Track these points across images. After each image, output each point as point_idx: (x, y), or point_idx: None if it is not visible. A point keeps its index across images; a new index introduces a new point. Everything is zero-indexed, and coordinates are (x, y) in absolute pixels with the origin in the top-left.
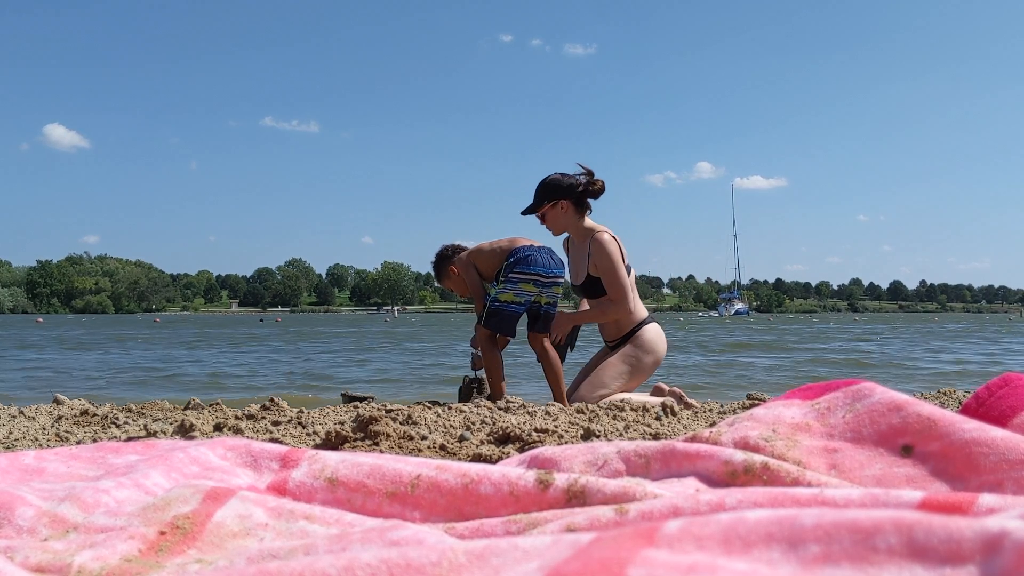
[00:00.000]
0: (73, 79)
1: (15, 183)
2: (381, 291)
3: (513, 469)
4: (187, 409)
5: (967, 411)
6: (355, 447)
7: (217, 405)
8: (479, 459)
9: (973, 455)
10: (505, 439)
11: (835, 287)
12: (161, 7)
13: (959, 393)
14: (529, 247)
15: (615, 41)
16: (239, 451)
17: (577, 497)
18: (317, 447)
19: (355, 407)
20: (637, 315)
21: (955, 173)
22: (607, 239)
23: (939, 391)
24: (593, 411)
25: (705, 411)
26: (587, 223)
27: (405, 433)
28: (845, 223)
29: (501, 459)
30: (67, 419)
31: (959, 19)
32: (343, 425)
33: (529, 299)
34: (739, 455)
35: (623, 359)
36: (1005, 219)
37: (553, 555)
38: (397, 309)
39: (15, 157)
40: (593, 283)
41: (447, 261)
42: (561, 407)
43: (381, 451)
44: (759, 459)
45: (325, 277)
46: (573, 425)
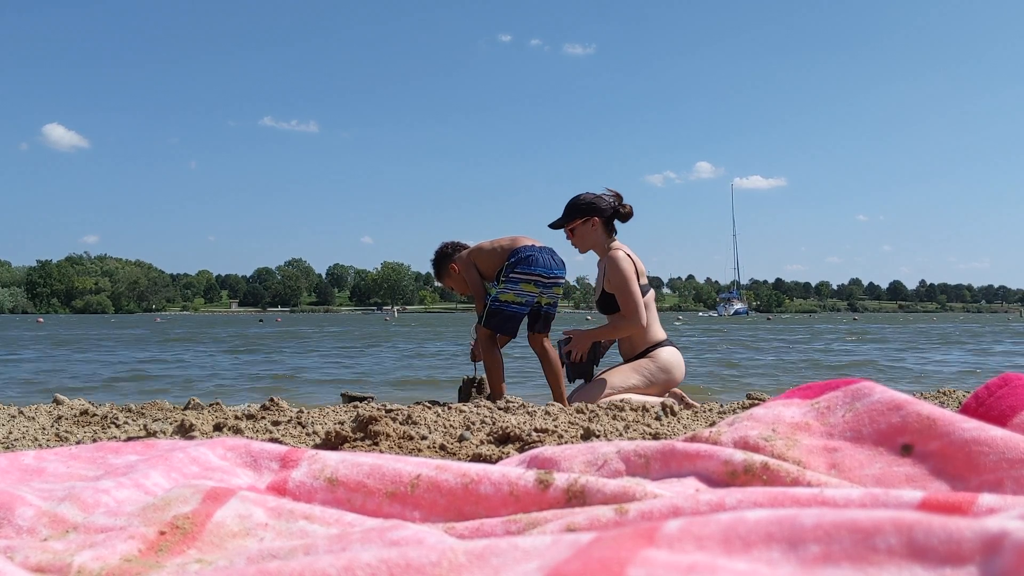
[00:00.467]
0: (73, 79)
1: (15, 183)
2: (381, 291)
3: (513, 469)
4: (187, 409)
5: (967, 410)
6: (355, 447)
7: (217, 405)
8: (479, 459)
9: (973, 454)
10: (505, 439)
11: (835, 287)
12: (161, 7)
13: (959, 393)
14: (531, 247)
15: (615, 41)
16: (239, 451)
17: (577, 497)
18: (317, 447)
19: (355, 407)
20: (653, 335)
21: (955, 173)
22: (620, 256)
23: (939, 391)
24: (593, 411)
25: (705, 411)
26: (612, 243)
27: (405, 433)
28: (845, 223)
29: (501, 459)
30: (67, 419)
31: (959, 19)
32: (343, 425)
33: (531, 299)
34: (739, 455)
35: (635, 367)
36: (1005, 219)
37: (553, 555)
38: (397, 309)
39: (15, 157)
40: (608, 299)
41: (448, 259)
42: (561, 407)
43: (381, 451)
44: (759, 459)
45: (325, 277)
46: (573, 425)
